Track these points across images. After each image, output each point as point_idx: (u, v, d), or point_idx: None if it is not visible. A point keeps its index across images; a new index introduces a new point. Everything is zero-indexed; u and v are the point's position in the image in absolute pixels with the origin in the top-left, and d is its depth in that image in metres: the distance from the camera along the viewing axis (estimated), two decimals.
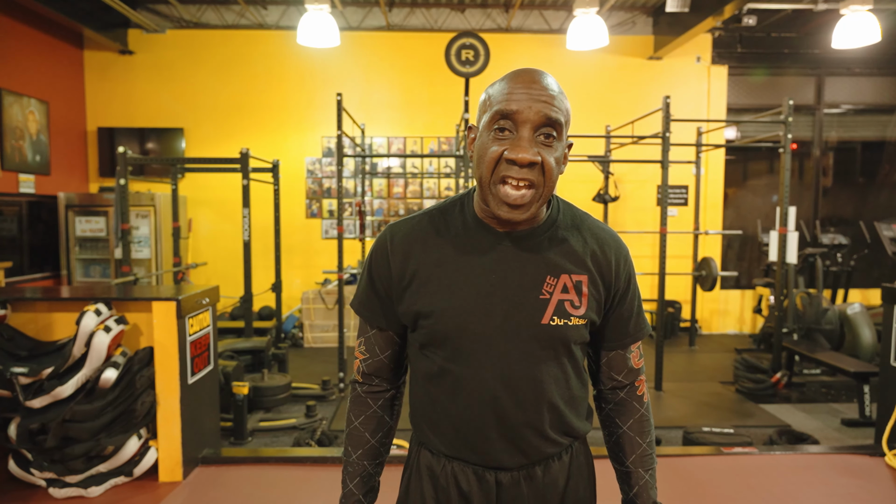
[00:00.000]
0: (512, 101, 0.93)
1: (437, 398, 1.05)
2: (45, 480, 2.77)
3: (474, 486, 1.05)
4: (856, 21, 4.99)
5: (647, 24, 7.27)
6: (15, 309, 2.87)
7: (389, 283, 1.06)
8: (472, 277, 1.00)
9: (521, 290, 1.00)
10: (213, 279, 7.00)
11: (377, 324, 1.10)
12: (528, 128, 0.94)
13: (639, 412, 1.15)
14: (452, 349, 1.01)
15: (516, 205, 0.95)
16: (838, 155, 7.74)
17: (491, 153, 0.95)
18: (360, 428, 1.13)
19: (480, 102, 1.02)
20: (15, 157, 5.85)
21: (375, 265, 1.07)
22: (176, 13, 6.99)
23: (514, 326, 1.00)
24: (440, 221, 1.06)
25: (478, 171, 0.98)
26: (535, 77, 0.97)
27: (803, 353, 4.95)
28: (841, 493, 2.84)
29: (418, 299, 1.02)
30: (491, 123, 0.96)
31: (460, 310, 1.00)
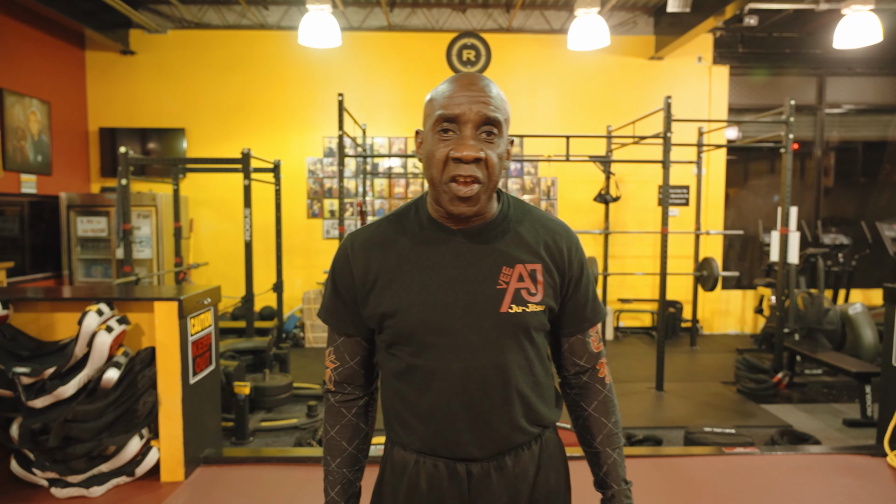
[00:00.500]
0: (453, 105, 1.00)
1: (406, 395, 1.08)
2: (47, 480, 2.77)
3: (445, 480, 1.07)
4: (857, 21, 4.99)
5: (648, 25, 7.27)
6: (17, 309, 2.87)
7: (353, 289, 1.10)
8: (431, 274, 1.05)
9: (479, 281, 1.05)
10: (214, 279, 7.00)
11: (345, 330, 1.14)
12: (470, 127, 1.00)
13: (602, 394, 1.19)
14: (418, 345, 1.05)
15: (465, 197, 1.01)
16: (840, 155, 7.73)
17: (439, 154, 1.01)
18: (337, 437, 1.17)
19: (425, 108, 1.07)
20: (17, 158, 5.86)
21: (339, 273, 1.12)
22: (177, 13, 7.00)
23: (475, 317, 1.04)
24: (397, 225, 1.11)
25: (428, 172, 1.04)
26: (474, 80, 1.03)
27: (805, 354, 4.95)
28: (842, 493, 2.84)
29: (382, 301, 1.06)
30: (435, 126, 1.02)
31: (422, 306, 1.04)
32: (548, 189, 7.37)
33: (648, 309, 7.41)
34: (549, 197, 7.38)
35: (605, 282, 6.85)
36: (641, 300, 7.45)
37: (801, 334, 5.50)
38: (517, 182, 7.36)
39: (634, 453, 3.31)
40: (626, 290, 7.42)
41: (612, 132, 6.56)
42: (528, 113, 7.28)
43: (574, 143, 5.81)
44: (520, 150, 7.29)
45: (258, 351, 4.92)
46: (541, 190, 7.37)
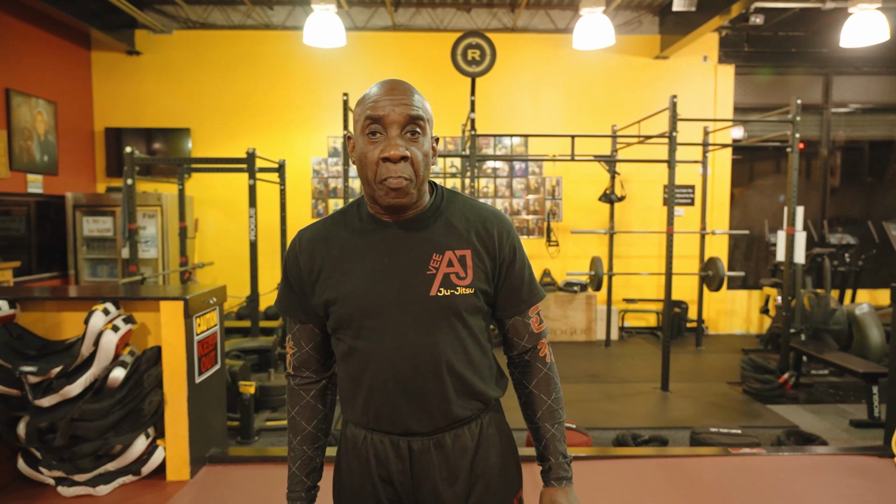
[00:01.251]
0: (378, 108, 1.09)
1: (351, 375, 1.17)
2: (54, 479, 2.79)
3: (390, 454, 1.17)
4: (864, 19, 4.97)
5: (653, 24, 7.25)
6: (24, 308, 2.89)
7: (301, 280, 1.20)
8: (367, 263, 1.15)
9: (410, 268, 1.14)
10: (219, 279, 7.02)
11: (297, 318, 1.24)
12: (396, 128, 1.09)
13: (542, 372, 1.27)
14: (356, 328, 1.14)
15: (397, 188, 1.09)
16: (846, 154, 7.70)
17: (370, 156, 1.10)
18: (297, 417, 1.27)
19: (354, 114, 1.15)
20: (23, 158, 5.89)
21: (289, 266, 1.22)
22: (183, 14, 7.02)
23: (406, 300, 1.13)
24: (340, 221, 1.21)
25: (363, 173, 1.12)
26: (396, 85, 1.12)
27: (811, 354, 4.92)
28: (849, 494, 2.83)
29: (325, 289, 1.16)
30: (364, 129, 1.10)
31: (359, 292, 1.14)
32: (553, 189, 7.36)
33: (653, 309, 7.39)
34: (554, 196, 7.37)
35: (610, 282, 6.84)
36: (646, 300, 7.43)
37: (807, 334, 5.48)
38: (522, 181, 7.36)
39: (640, 454, 3.30)
40: (631, 290, 7.40)
41: (618, 132, 6.55)
42: (533, 112, 7.28)
43: (579, 143, 5.80)
44: (524, 150, 7.29)
45: (263, 350, 4.93)
46: (545, 189, 7.36)
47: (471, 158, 5.19)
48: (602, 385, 5.19)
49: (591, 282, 6.65)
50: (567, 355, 6.23)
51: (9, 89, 5.66)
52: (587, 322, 6.94)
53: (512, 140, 7.30)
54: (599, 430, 4.01)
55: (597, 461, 3.16)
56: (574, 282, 6.94)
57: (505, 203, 7.36)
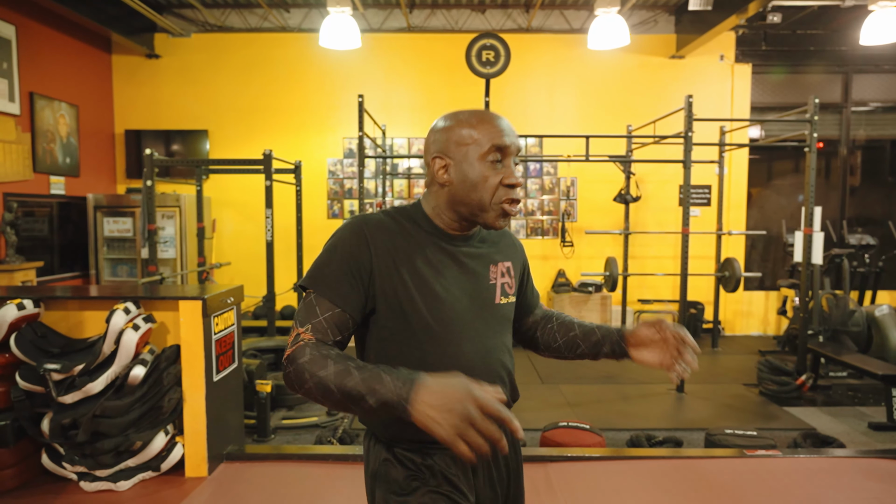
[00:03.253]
0: (504, 139, 1.15)
1: None
2: (76, 474, 2.85)
3: (452, 465, 1.19)
4: (885, 17, 4.90)
5: (669, 23, 7.21)
6: (48, 307, 2.96)
7: (362, 264, 1.13)
8: (440, 270, 1.18)
9: (476, 278, 1.22)
10: (236, 279, 7.10)
11: (342, 305, 1.11)
12: (510, 159, 1.18)
13: (554, 312, 1.45)
14: (435, 333, 1.15)
15: (512, 214, 1.19)
16: (866, 154, 7.59)
17: (492, 180, 1.15)
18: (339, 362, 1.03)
19: (457, 137, 1.16)
20: (46, 160, 6.01)
21: (349, 247, 1.14)
22: (201, 17, 7.12)
23: (479, 307, 1.21)
24: (401, 222, 1.20)
25: (473, 195, 1.15)
26: (504, 119, 1.19)
27: (829, 356, 4.87)
28: (867, 497, 2.80)
29: (393, 285, 1.14)
30: (486, 155, 1.15)
31: (439, 297, 1.16)
32: (567, 189, 7.35)
33: (669, 310, 7.34)
34: (569, 197, 7.36)
35: (625, 282, 6.81)
36: (662, 301, 7.39)
37: (825, 336, 5.41)
38: (536, 182, 7.35)
39: (655, 454, 3.29)
40: (646, 291, 7.36)
41: (633, 132, 6.52)
42: (548, 113, 7.27)
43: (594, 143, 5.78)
44: (539, 150, 7.28)
45: (279, 350, 4.99)
46: (560, 190, 7.35)
47: None
48: (617, 386, 5.18)
49: (605, 282, 6.63)
50: None
51: (32, 93, 5.78)
52: (602, 322, 6.91)
53: (527, 140, 7.30)
54: (614, 431, 4.01)
55: (611, 462, 3.16)
56: (589, 282, 6.92)
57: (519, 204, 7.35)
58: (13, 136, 5.54)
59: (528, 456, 3.14)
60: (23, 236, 5.61)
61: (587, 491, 2.84)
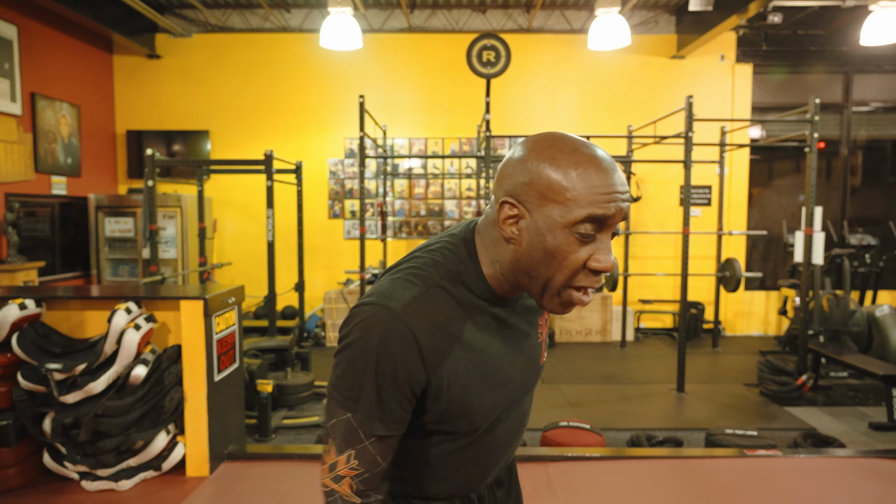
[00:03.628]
0: (610, 204, 0.80)
1: (442, 467, 0.96)
2: (78, 473, 2.86)
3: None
4: (885, 17, 4.90)
5: (669, 23, 7.21)
6: (49, 307, 2.97)
7: (419, 377, 0.85)
8: (494, 350, 0.92)
9: (527, 341, 0.98)
10: (237, 279, 7.11)
11: (389, 431, 0.86)
12: (610, 232, 0.84)
13: None
14: (482, 428, 0.95)
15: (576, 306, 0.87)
16: (867, 154, 7.59)
17: (574, 258, 0.82)
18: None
19: (544, 183, 0.81)
20: (48, 160, 6.02)
21: (399, 360, 0.83)
22: (202, 18, 7.13)
23: (528, 379, 1.00)
24: (456, 297, 0.89)
25: (544, 269, 0.83)
26: (618, 171, 0.84)
27: (830, 356, 4.87)
28: (868, 497, 2.80)
29: (451, 393, 0.88)
30: (576, 224, 0.80)
31: (491, 388, 0.92)
32: None
33: (670, 310, 7.35)
34: None
35: (625, 283, 6.81)
36: (662, 301, 7.39)
37: (826, 336, 5.42)
38: None
39: (655, 454, 3.29)
40: (647, 291, 7.36)
41: (633, 132, 6.53)
42: (549, 113, 7.27)
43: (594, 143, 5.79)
44: None
45: (280, 350, 4.99)
46: None
47: (486, 159, 5.21)
48: (617, 386, 5.18)
49: (606, 282, 6.63)
50: (582, 356, 6.22)
51: (34, 93, 5.79)
52: (602, 323, 6.92)
53: None
54: (614, 431, 4.01)
55: (611, 462, 3.16)
56: None
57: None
58: (15, 137, 5.55)
59: (529, 455, 3.15)
60: (24, 236, 5.62)
61: (587, 491, 2.85)
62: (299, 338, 5.88)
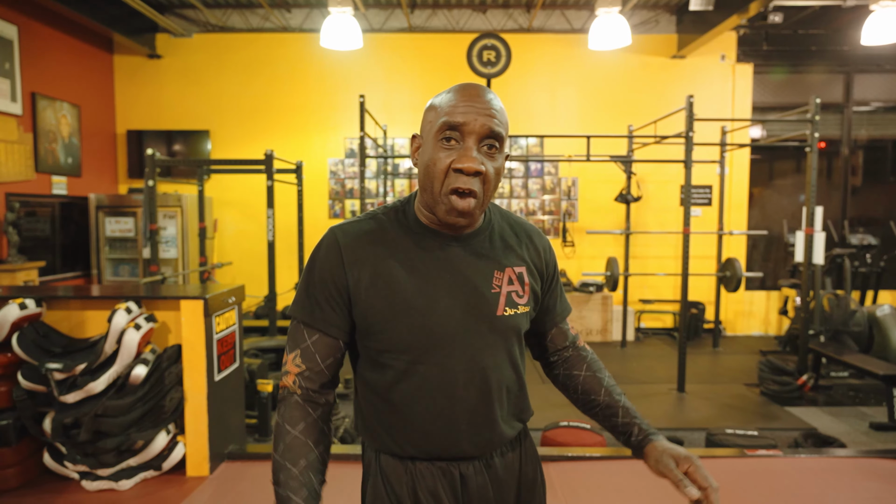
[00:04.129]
0: (458, 114, 0.98)
1: (400, 402, 1.05)
2: (78, 473, 2.86)
3: (440, 482, 1.07)
4: (886, 17, 4.90)
5: (670, 23, 7.21)
6: (50, 307, 2.96)
7: (339, 283, 1.04)
8: (428, 280, 1.04)
9: (475, 287, 1.06)
10: (237, 278, 7.11)
11: (321, 327, 1.05)
12: (474, 139, 0.99)
13: (588, 356, 1.26)
14: (418, 350, 1.03)
15: (463, 213, 1.01)
16: (868, 153, 7.58)
17: (441, 164, 0.99)
18: (302, 437, 1.06)
19: (425, 113, 1.05)
20: (48, 160, 6.02)
21: (324, 266, 1.05)
22: (202, 18, 7.13)
23: (474, 321, 1.05)
24: (385, 225, 1.08)
25: (426, 180, 1.02)
26: (480, 92, 1.02)
27: (830, 356, 4.87)
28: (868, 497, 2.80)
29: (377, 303, 1.03)
30: (438, 134, 1.00)
31: (422, 311, 1.02)
32: (568, 189, 7.35)
33: (670, 310, 7.35)
34: (570, 197, 7.36)
35: (626, 282, 6.81)
36: (663, 301, 7.39)
37: (826, 336, 5.41)
38: (538, 182, 7.35)
39: None
40: (647, 291, 7.36)
41: (634, 132, 6.52)
42: (549, 113, 7.27)
43: (595, 143, 5.78)
44: (540, 150, 7.29)
45: (280, 349, 4.99)
46: (561, 190, 7.35)
47: None
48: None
49: (607, 282, 6.63)
50: None
51: (34, 93, 5.79)
52: (603, 322, 6.92)
53: (528, 140, 7.30)
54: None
55: (612, 461, 3.16)
56: (590, 282, 6.92)
57: (521, 203, 7.36)
58: (15, 137, 5.55)
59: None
60: (25, 236, 5.62)
61: (588, 491, 2.85)
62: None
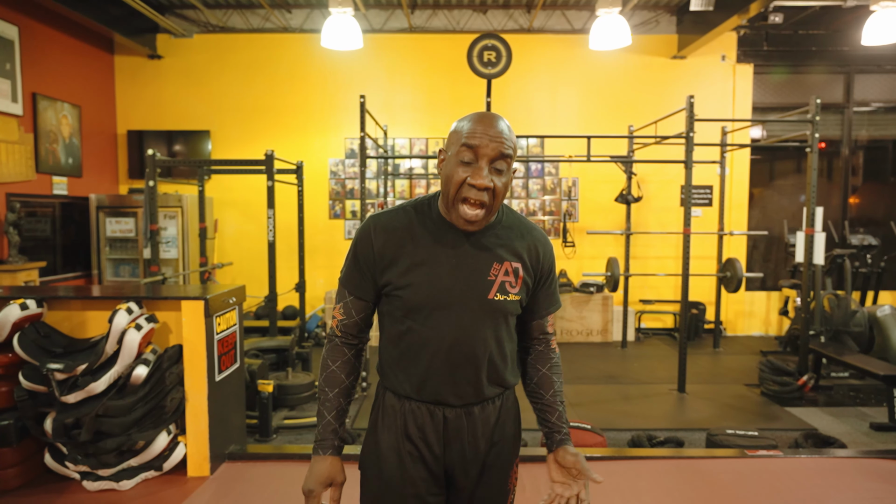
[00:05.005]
0: (474, 139, 1.23)
1: (404, 353, 1.34)
2: (79, 473, 2.86)
3: (426, 419, 1.35)
4: (886, 17, 4.90)
5: (670, 23, 7.21)
6: (51, 307, 2.97)
7: (371, 260, 1.34)
8: (439, 261, 1.30)
9: (474, 272, 1.31)
10: (238, 279, 7.11)
11: (356, 293, 1.38)
12: (486, 160, 1.24)
13: (553, 359, 1.49)
14: (422, 315, 1.30)
15: (471, 221, 1.26)
16: (868, 154, 7.58)
17: (457, 177, 1.24)
18: (337, 371, 1.41)
19: (450, 134, 1.29)
20: (49, 160, 6.03)
21: (360, 247, 1.35)
22: (203, 18, 7.13)
23: (468, 299, 1.30)
24: (413, 215, 1.35)
25: (446, 188, 1.27)
26: (494, 122, 1.25)
27: (831, 356, 4.87)
28: (869, 497, 2.80)
29: (397, 274, 1.31)
30: (458, 154, 1.25)
31: (430, 285, 1.29)
32: (569, 189, 7.35)
33: (670, 310, 7.35)
34: (571, 197, 7.36)
35: (626, 283, 6.81)
36: (663, 301, 7.39)
37: (827, 336, 5.41)
38: (538, 182, 7.35)
39: (656, 454, 3.29)
40: (647, 291, 7.36)
41: (634, 132, 6.52)
42: (549, 113, 7.27)
43: (595, 144, 5.78)
44: (541, 151, 7.29)
45: (281, 350, 4.99)
46: (562, 190, 7.35)
47: None
48: (618, 386, 5.18)
49: (607, 282, 6.63)
50: (583, 356, 6.22)
51: (35, 93, 5.80)
52: (603, 323, 6.92)
53: (528, 141, 7.30)
54: (615, 431, 4.01)
55: (612, 462, 3.16)
56: (590, 282, 6.92)
57: (521, 204, 7.37)
58: (16, 137, 5.56)
59: (530, 455, 3.15)
60: (25, 236, 5.62)
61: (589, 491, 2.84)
62: (300, 338, 5.88)
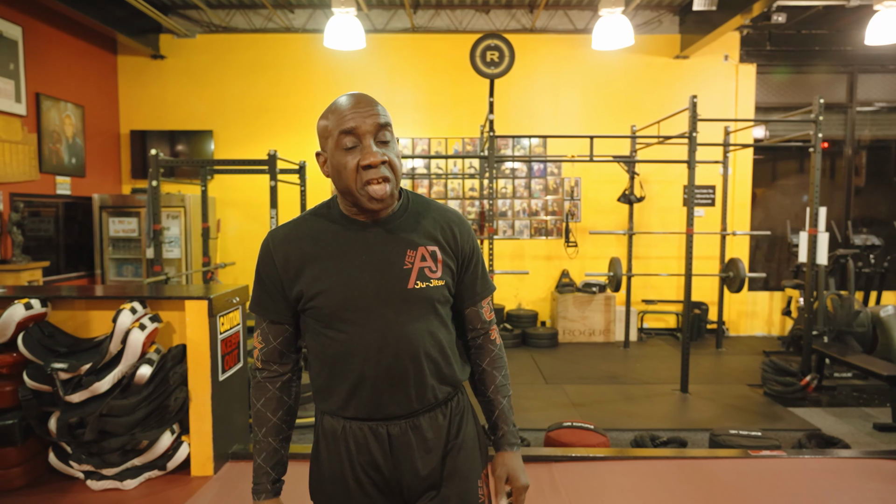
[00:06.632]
0: (349, 121, 1.17)
1: (333, 367, 1.23)
2: (83, 473, 2.87)
3: (370, 440, 1.24)
4: (889, 17, 4.89)
5: (673, 23, 7.20)
6: (55, 307, 2.98)
7: (275, 278, 1.25)
8: (346, 259, 1.22)
9: (388, 263, 1.22)
10: (241, 279, 7.12)
11: (270, 317, 1.29)
12: (369, 137, 1.18)
13: (493, 352, 1.40)
14: (339, 321, 1.21)
15: (382, 198, 1.18)
16: (871, 154, 7.57)
17: (349, 166, 1.18)
18: (262, 409, 1.32)
19: (321, 132, 1.24)
20: (52, 160, 6.04)
21: (262, 267, 1.28)
22: (206, 18, 7.14)
23: (386, 293, 1.20)
24: (312, 221, 1.28)
25: (342, 183, 1.20)
26: (358, 99, 1.20)
27: (834, 356, 4.86)
28: (872, 498, 2.80)
29: (304, 286, 1.22)
30: (339, 143, 1.19)
31: (340, 287, 1.20)
32: (571, 189, 7.34)
33: (673, 310, 7.34)
34: (573, 197, 7.35)
35: (629, 283, 6.80)
36: (666, 301, 7.38)
37: (830, 337, 5.40)
38: (541, 182, 7.35)
39: (659, 455, 3.29)
40: (650, 292, 7.35)
41: (637, 132, 6.52)
42: (552, 113, 7.27)
43: (598, 144, 5.78)
44: (543, 151, 7.29)
45: None
46: (564, 190, 7.35)
47: (489, 159, 5.21)
48: (621, 386, 5.18)
49: (609, 283, 6.62)
50: (585, 356, 6.22)
51: (39, 93, 5.81)
52: (606, 323, 6.91)
53: (530, 141, 7.30)
54: (618, 431, 4.01)
55: (615, 462, 3.16)
56: (593, 283, 6.92)
57: (523, 204, 7.36)
58: (19, 137, 5.57)
59: (533, 456, 3.15)
60: (29, 236, 5.63)
61: (591, 491, 2.85)
62: None
